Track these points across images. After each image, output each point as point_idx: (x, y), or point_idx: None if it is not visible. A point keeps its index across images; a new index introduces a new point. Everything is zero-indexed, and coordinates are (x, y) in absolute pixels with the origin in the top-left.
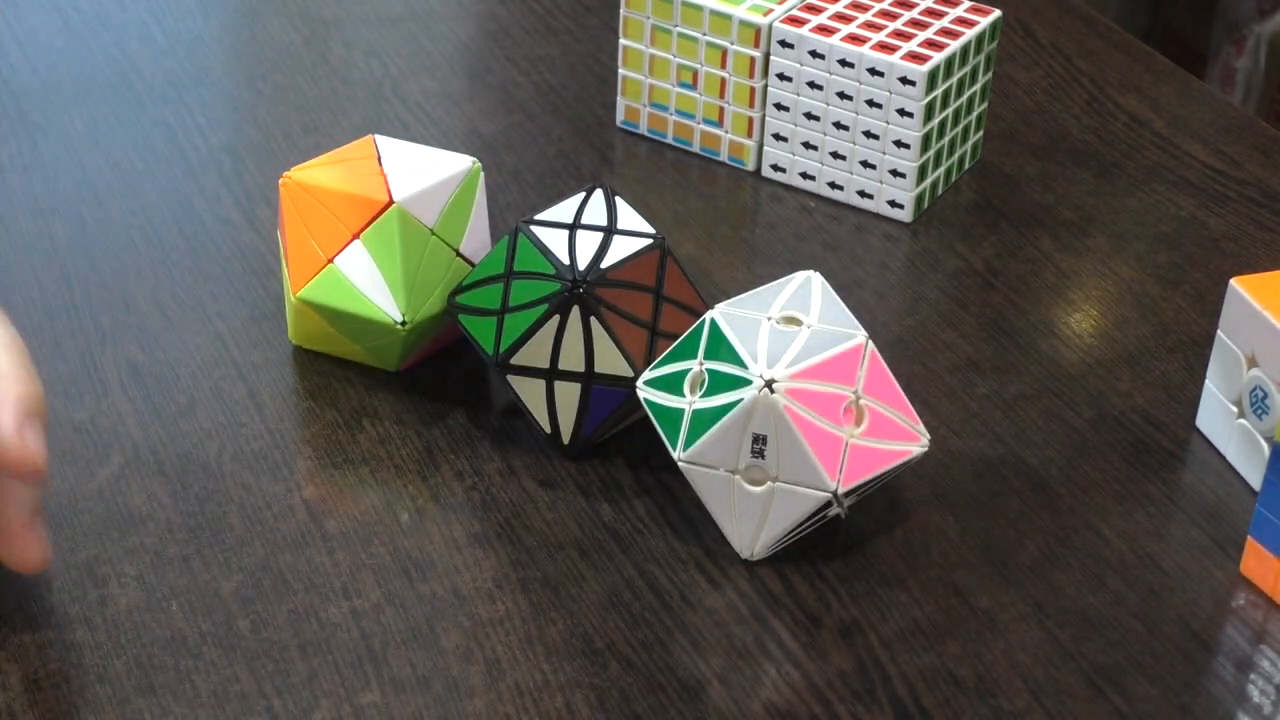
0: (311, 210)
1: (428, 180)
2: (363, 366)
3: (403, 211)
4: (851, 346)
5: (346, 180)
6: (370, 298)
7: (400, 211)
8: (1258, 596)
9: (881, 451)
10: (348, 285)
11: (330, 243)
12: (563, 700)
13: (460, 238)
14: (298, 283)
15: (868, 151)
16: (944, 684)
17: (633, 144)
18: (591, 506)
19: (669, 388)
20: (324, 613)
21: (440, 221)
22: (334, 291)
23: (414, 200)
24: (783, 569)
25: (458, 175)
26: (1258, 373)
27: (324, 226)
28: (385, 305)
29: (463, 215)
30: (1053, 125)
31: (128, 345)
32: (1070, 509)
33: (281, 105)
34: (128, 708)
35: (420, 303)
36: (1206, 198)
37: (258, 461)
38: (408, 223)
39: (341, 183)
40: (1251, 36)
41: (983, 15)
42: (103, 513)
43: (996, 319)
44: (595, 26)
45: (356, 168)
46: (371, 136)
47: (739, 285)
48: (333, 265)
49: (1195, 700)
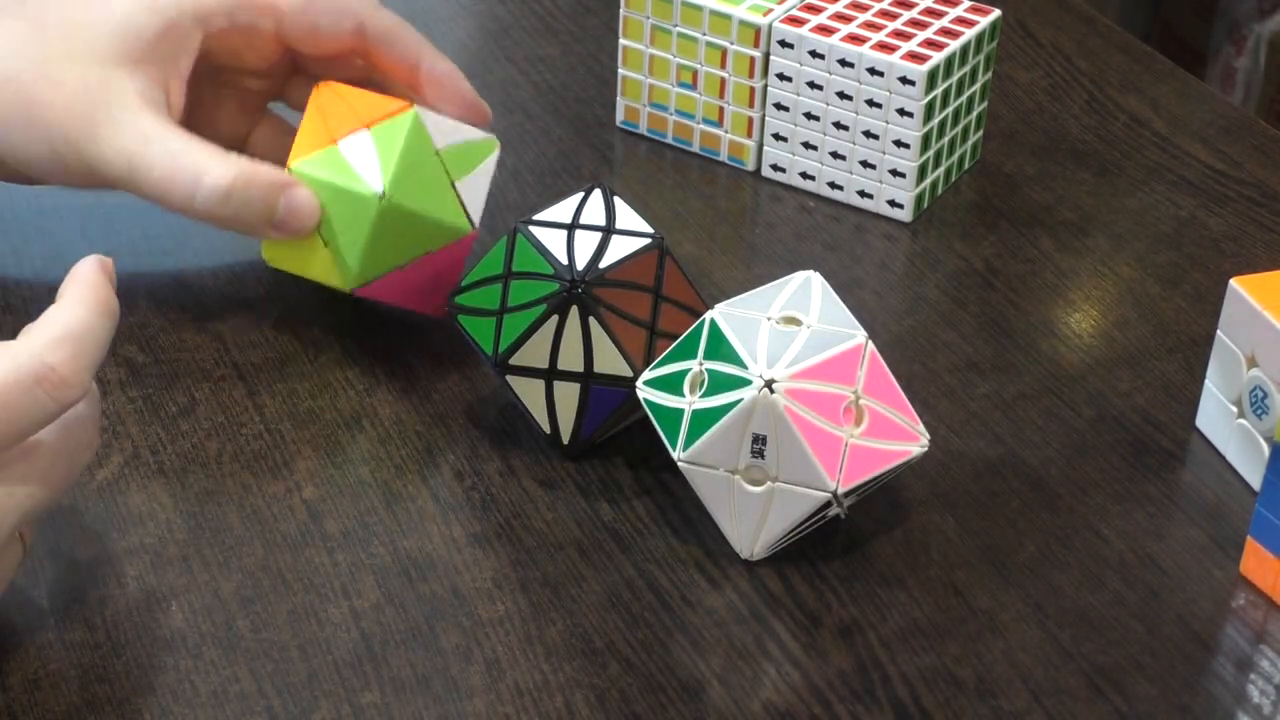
0: (334, 106)
1: (450, 121)
2: (363, 367)
3: (418, 117)
4: (851, 346)
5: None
6: (359, 172)
7: (415, 116)
8: (1258, 596)
9: (881, 451)
10: (342, 161)
11: (341, 127)
12: (562, 700)
13: (462, 175)
14: (296, 156)
15: (867, 151)
16: (944, 684)
17: (632, 144)
18: (591, 506)
19: (669, 388)
20: (324, 613)
21: (448, 151)
22: (326, 164)
23: (432, 119)
24: (783, 569)
25: (475, 132)
26: (1258, 373)
27: (341, 118)
28: (370, 178)
29: (469, 162)
30: (1053, 125)
31: (128, 345)
32: (1070, 509)
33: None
34: (128, 708)
35: (404, 191)
36: (1206, 198)
37: (258, 461)
38: (418, 129)
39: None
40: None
41: (982, 15)
42: (102, 513)
43: (996, 319)
44: (595, 26)
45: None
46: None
47: (739, 285)
48: (335, 146)
49: (1195, 700)
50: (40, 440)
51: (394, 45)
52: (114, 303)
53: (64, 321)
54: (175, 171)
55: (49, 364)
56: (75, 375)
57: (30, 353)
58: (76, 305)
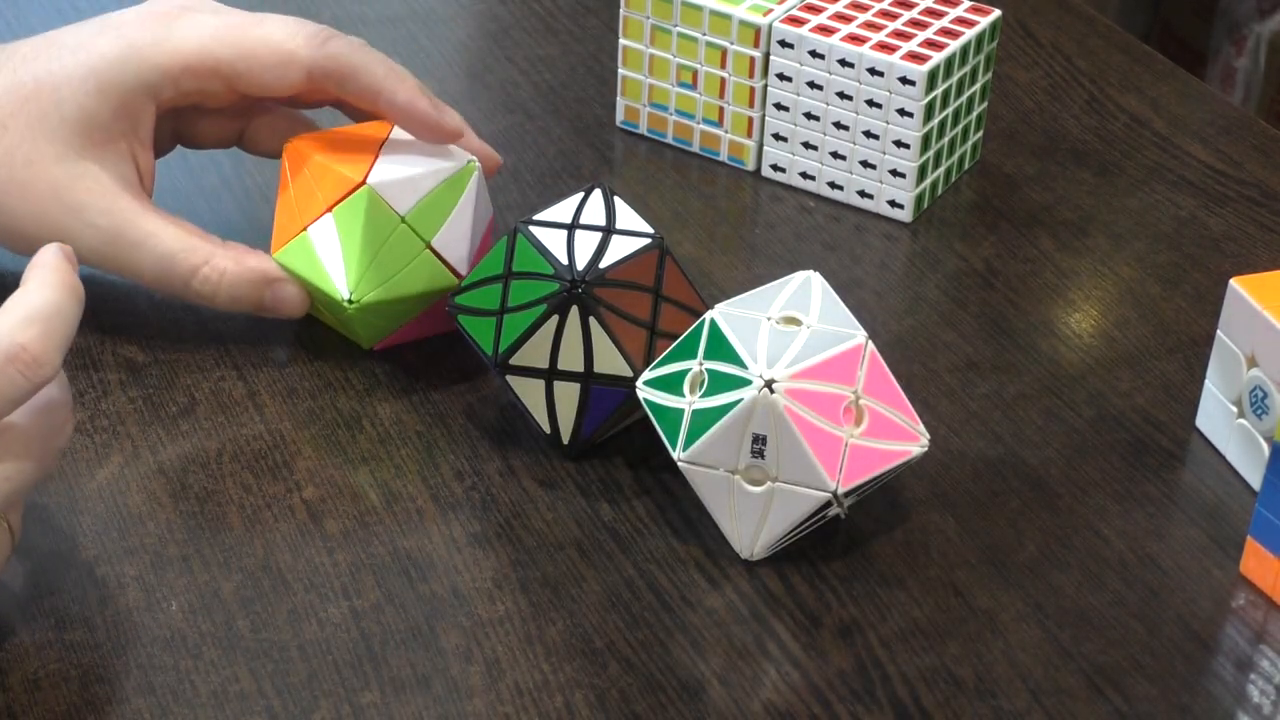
0: (301, 176)
1: (412, 170)
2: (363, 367)
3: (372, 193)
4: (851, 346)
5: (338, 155)
6: (328, 271)
7: (370, 192)
8: (1258, 596)
9: (881, 451)
10: (313, 255)
11: (308, 212)
12: (562, 700)
13: (434, 231)
14: (277, 244)
15: (868, 151)
16: (944, 684)
17: (632, 144)
18: (591, 506)
19: (669, 388)
20: (324, 613)
21: (415, 211)
22: (301, 258)
23: (388, 185)
24: (783, 569)
25: (445, 169)
26: (1258, 373)
27: (307, 195)
28: (338, 281)
29: (442, 210)
30: (1053, 125)
31: (128, 345)
32: (1070, 509)
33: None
34: (127, 708)
35: (372, 285)
36: (1206, 198)
37: (258, 461)
38: (376, 205)
39: (332, 157)
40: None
41: (983, 15)
42: (103, 513)
43: (996, 319)
44: (595, 26)
45: (356, 145)
46: None
47: (739, 285)
48: (305, 233)
49: (1195, 700)
50: (14, 422)
51: (349, 80)
52: (79, 285)
53: (31, 303)
54: (166, 273)
55: (19, 343)
56: (46, 354)
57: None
58: (43, 287)
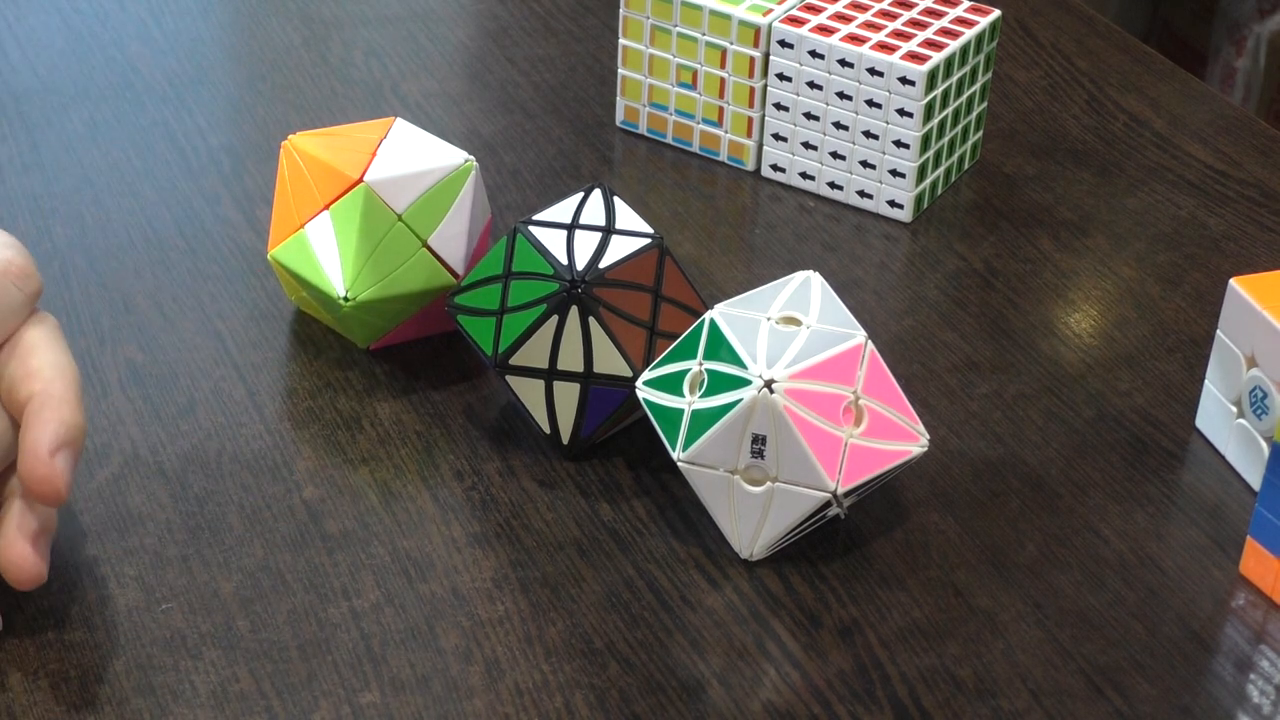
0: (298, 175)
1: (409, 168)
2: (362, 367)
3: (369, 191)
4: (851, 346)
5: (335, 154)
6: (324, 269)
7: (366, 191)
8: (1257, 596)
9: (881, 451)
10: (310, 253)
11: (305, 209)
12: (562, 700)
13: (431, 230)
14: (274, 242)
15: (867, 151)
16: (944, 684)
17: (632, 144)
18: (591, 506)
19: (668, 388)
20: (323, 613)
21: (411, 210)
22: (298, 256)
23: (385, 183)
24: (782, 569)
25: (443, 169)
26: (1257, 373)
27: (304, 193)
28: (334, 279)
29: (439, 208)
30: (1052, 125)
31: (128, 345)
32: (1070, 509)
33: (281, 105)
34: (127, 708)
35: (368, 284)
36: (1206, 198)
37: (258, 461)
38: (373, 203)
39: (329, 155)
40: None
41: (982, 15)
42: (102, 513)
43: (996, 319)
44: (595, 26)
45: (354, 144)
46: (394, 118)
47: (738, 285)
48: (303, 231)
49: (1195, 700)
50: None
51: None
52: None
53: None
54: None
55: (6, 258)
56: (30, 266)
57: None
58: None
